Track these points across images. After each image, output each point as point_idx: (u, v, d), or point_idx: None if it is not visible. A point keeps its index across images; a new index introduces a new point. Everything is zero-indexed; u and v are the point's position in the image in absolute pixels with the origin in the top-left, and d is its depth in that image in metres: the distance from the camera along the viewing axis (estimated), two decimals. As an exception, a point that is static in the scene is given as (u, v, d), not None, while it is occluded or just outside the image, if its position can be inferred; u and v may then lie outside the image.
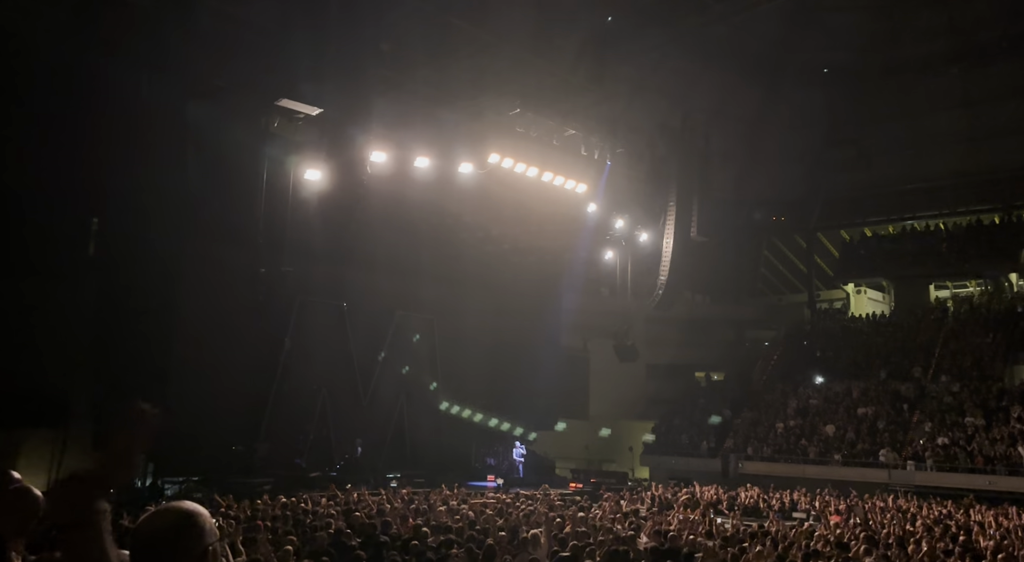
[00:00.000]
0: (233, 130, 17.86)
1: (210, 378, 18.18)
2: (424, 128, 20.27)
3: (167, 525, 1.74)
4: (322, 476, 19.32)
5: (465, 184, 21.39)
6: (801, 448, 27.64)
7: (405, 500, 14.92)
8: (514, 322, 26.68)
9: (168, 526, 1.73)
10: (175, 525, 1.74)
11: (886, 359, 31.97)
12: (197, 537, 1.74)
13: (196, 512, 1.80)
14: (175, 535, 1.72)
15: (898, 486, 23.35)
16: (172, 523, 1.74)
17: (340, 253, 20.52)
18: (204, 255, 18.66)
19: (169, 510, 1.80)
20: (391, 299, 23.67)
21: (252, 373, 19.87)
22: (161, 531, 1.73)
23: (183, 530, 1.73)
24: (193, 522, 1.76)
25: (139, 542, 1.72)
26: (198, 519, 1.77)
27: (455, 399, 25.42)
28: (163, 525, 1.74)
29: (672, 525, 12.70)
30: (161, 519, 1.76)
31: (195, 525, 1.75)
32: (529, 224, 24.93)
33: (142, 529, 1.74)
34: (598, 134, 24.08)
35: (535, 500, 16.05)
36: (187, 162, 17.57)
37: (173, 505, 1.82)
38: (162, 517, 1.76)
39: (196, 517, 1.77)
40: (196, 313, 18.42)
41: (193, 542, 1.72)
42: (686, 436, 31.13)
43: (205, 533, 1.76)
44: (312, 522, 10.54)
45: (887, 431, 26.94)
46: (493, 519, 11.90)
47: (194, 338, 18.17)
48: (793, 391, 31.84)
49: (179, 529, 1.73)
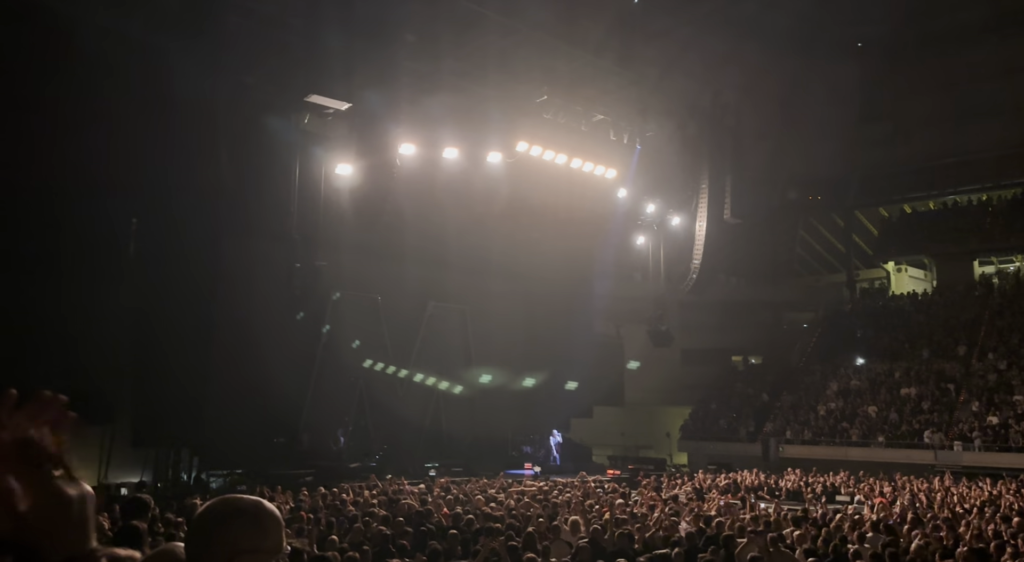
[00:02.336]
0: (265, 127, 18.08)
1: (250, 372, 18.49)
2: (452, 119, 20.26)
3: (216, 512, 1.61)
4: (361, 467, 19.56)
5: (494, 173, 21.35)
6: (843, 431, 27.20)
7: (444, 489, 15.03)
8: (546, 310, 26.64)
9: (216, 513, 1.60)
10: (222, 514, 1.59)
11: (929, 338, 31.24)
12: (242, 532, 1.56)
13: (248, 510, 1.59)
14: (222, 521, 1.58)
15: (945, 467, 22.85)
16: (221, 511, 1.60)
17: (372, 246, 20.71)
18: (240, 251, 18.97)
19: (229, 499, 1.64)
20: (423, 290, 23.79)
21: (290, 366, 20.17)
22: (207, 515, 1.61)
23: (228, 520, 1.58)
24: (244, 516, 1.58)
25: (192, 522, 1.65)
26: (248, 517, 1.58)
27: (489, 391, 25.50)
28: (212, 510, 1.62)
29: (712, 510, 12.61)
30: (219, 504, 1.62)
31: (242, 520, 1.58)
32: (559, 211, 24.81)
33: (202, 510, 1.63)
34: (627, 118, 23.81)
35: (573, 488, 16.05)
36: (220, 160, 17.82)
37: (239, 496, 1.65)
38: (221, 503, 1.63)
39: (246, 515, 1.58)
40: (234, 309, 18.73)
41: (236, 536, 1.55)
42: (724, 421, 30.85)
43: (254, 534, 1.56)
44: (353, 513, 10.66)
45: (932, 411, 26.37)
46: (531, 507, 11.92)
47: (232, 333, 18.49)
48: (833, 373, 31.31)
49: (224, 518, 1.58)
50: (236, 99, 17.49)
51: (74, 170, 15.99)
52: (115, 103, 15.85)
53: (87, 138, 15.85)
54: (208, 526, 1.60)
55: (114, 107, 15.84)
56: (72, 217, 15.91)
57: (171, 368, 17.24)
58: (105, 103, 15.78)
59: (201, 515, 1.63)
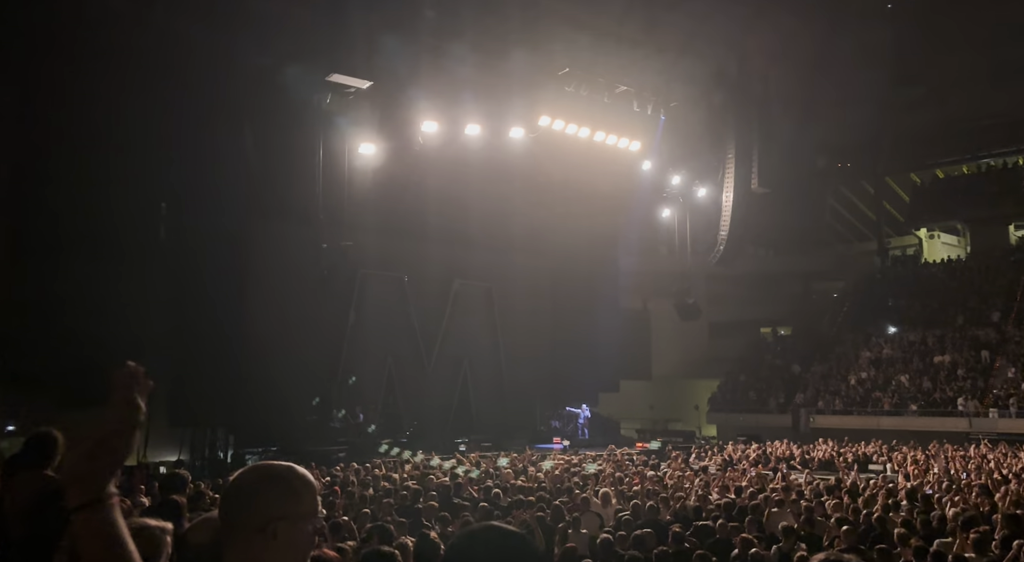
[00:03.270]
0: (287, 108, 18.12)
1: (281, 352, 18.82)
2: (474, 95, 20.12)
3: (250, 479, 1.63)
4: (392, 443, 19.82)
5: (517, 149, 21.21)
6: (875, 400, 26.91)
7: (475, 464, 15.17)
8: (571, 286, 26.59)
9: (250, 480, 1.63)
10: (256, 481, 1.61)
11: (963, 305, 30.66)
12: (276, 498, 1.58)
13: (281, 476, 1.61)
14: (255, 489, 1.60)
15: (980, 434, 22.54)
16: (255, 478, 1.63)
17: (396, 225, 20.80)
18: (267, 233, 19.19)
19: (261, 466, 1.67)
20: (448, 268, 23.86)
21: (320, 346, 20.47)
22: (241, 483, 1.63)
23: (262, 487, 1.60)
24: (277, 483, 1.61)
25: (225, 490, 1.67)
26: (281, 483, 1.60)
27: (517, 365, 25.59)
28: (246, 478, 1.64)
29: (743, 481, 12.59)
30: (251, 472, 1.66)
31: (276, 486, 1.60)
32: (583, 186, 24.63)
33: (235, 477, 1.66)
34: (651, 88, 23.44)
35: (602, 461, 16.12)
36: (245, 143, 17.95)
37: (271, 463, 1.67)
38: (254, 470, 1.66)
39: (280, 481, 1.60)
40: (263, 290, 19.01)
41: (269, 502, 1.57)
42: (753, 392, 30.68)
43: (287, 500, 1.59)
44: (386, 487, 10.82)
45: (967, 379, 25.96)
46: (560, 480, 12.01)
47: (262, 314, 18.78)
48: (865, 342, 30.91)
49: (259, 484, 1.60)
50: (258, 80, 17.54)
51: (105, 158, 16.26)
52: (139, 88, 16.00)
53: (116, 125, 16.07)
54: (243, 493, 1.61)
55: (138, 92, 16.00)
56: (106, 202, 16.21)
57: (204, 349, 17.57)
58: (129, 89, 15.93)
59: (235, 483, 1.65)
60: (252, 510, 1.57)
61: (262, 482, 1.61)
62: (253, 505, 1.57)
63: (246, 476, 1.65)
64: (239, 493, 1.62)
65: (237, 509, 1.60)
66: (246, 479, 1.64)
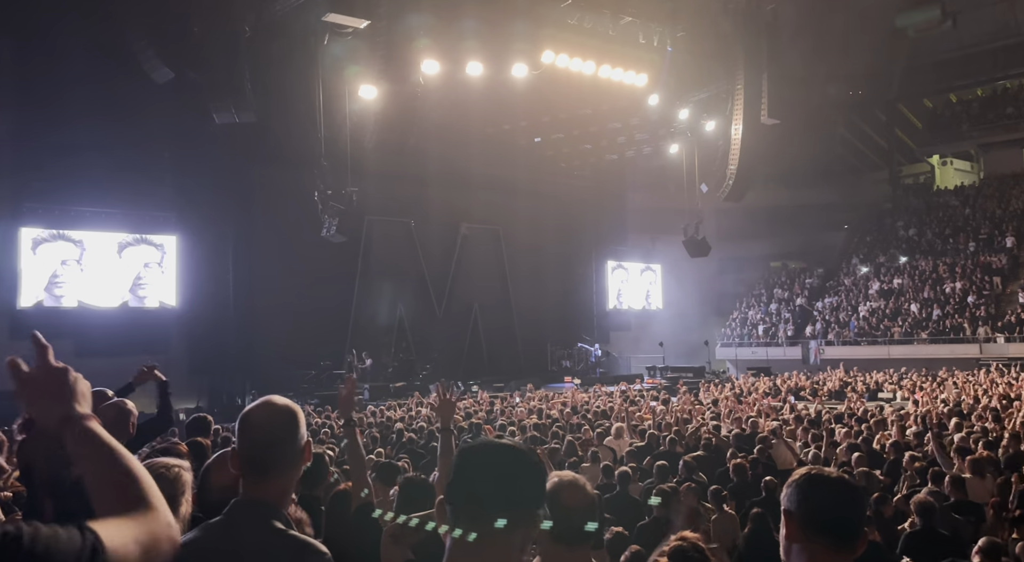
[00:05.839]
0: (285, 52, 17.75)
1: (293, 302, 18.96)
2: (474, 31, 19.57)
3: (282, 413, 1.83)
4: (407, 386, 20.13)
5: (520, 87, 20.78)
6: (885, 330, 26.97)
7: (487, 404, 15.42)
8: (577, 226, 26.48)
9: (283, 414, 1.83)
10: (289, 412, 1.84)
11: (975, 231, 30.36)
12: (302, 426, 1.86)
13: (298, 408, 1.91)
14: (290, 421, 1.83)
15: (991, 360, 22.64)
16: (285, 411, 1.84)
17: (400, 170, 20.58)
18: (271, 180, 19.08)
19: (275, 402, 1.87)
20: (455, 213, 23.76)
21: (331, 293, 20.60)
22: (278, 417, 1.81)
23: (294, 418, 1.85)
24: (298, 414, 1.88)
25: (255, 426, 1.79)
26: (300, 413, 1.90)
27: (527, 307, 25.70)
28: (278, 412, 1.83)
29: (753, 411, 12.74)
30: (273, 408, 1.84)
31: (299, 417, 1.87)
32: (588, 124, 24.22)
33: (256, 414, 1.81)
34: (657, 19, 22.73)
35: (614, 397, 16.33)
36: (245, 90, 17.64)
37: (278, 399, 1.89)
38: (273, 407, 1.84)
39: (299, 411, 1.90)
40: (271, 239, 19.01)
41: (300, 430, 1.84)
42: (763, 327, 30.79)
43: (304, 426, 1.88)
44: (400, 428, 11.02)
45: (980, 305, 25.92)
46: (572, 416, 12.19)
47: (272, 264, 18.84)
48: (875, 273, 30.80)
49: (292, 416, 1.84)
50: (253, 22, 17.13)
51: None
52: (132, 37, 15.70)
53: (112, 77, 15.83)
54: (277, 432, 1.80)
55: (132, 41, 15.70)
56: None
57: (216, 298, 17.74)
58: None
59: (265, 424, 1.81)
60: (301, 430, 1.84)
61: (294, 411, 1.88)
62: (301, 426, 1.85)
63: (280, 407, 1.86)
64: (290, 419, 1.84)
65: (299, 434, 1.83)
66: (283, 409, 1.85)
